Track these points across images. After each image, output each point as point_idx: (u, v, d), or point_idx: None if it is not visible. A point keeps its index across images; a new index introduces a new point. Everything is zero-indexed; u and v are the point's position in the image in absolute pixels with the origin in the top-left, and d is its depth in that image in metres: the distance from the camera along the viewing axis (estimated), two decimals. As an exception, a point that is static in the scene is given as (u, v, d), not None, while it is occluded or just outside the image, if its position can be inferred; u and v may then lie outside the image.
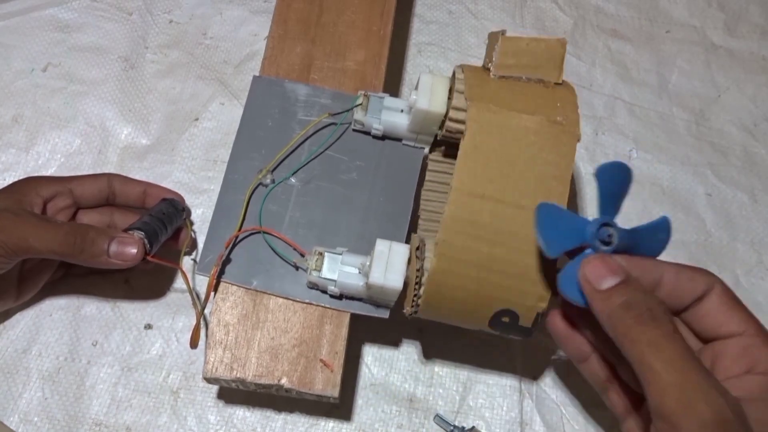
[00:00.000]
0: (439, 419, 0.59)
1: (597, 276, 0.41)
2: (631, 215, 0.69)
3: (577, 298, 0.43)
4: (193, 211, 0.65)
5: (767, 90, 0.77)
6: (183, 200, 0.62)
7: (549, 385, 0.62)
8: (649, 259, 0.44)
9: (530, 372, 0.62)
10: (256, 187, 0.53)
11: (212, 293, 0.50)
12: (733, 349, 0.42)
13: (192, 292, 0.53)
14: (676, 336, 0.38)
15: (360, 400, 0.61)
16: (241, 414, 0.59)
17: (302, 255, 0.51)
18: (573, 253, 0.44)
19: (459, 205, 0.45)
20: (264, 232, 0.52)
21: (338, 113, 0.55)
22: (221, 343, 0.50)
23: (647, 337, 0.38)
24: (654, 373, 0.37)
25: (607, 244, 0.43)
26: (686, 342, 0.38)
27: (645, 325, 0.38)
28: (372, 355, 0.62)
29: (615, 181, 0.44)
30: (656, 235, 0.45)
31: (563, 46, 0.49)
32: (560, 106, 0.48)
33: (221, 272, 0.51)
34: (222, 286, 0.51)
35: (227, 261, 0.52)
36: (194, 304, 0.51)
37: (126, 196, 0.60)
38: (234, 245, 0.52)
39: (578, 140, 0.47)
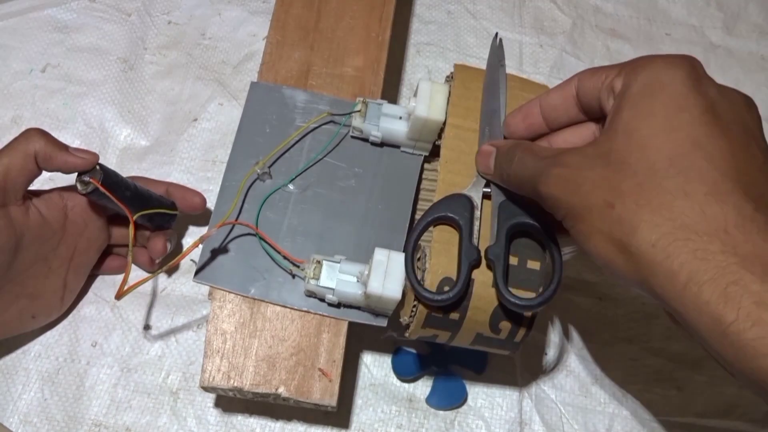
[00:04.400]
0: None
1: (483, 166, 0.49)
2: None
3: (445, 406, 0.61)
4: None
5: (766, 89, 0.77)
6: (204, 201, 0.62)
7: (548, 385, 0.63)
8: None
9: (529, 372, 0.63)
10: (253, 182, 0.53)
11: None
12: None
13: (132, 244, 0.51)
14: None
15: (359, 401, 0.61)
16: (241, 414, 0.60)
17: (297, 264, 0.51)
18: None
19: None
20: (260, 237, 0.52)
21: (339, 114, 0.54)
22: (219, 351, 0.50)
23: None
24: None
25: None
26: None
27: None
28: (371, 356, 0.63)
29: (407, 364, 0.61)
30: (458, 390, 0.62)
31: None
32: None
33: (218, 280, 0.51)
34: (219, 293, 0.51)
35: (224, 268, 0.52)
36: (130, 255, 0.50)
37: None
38: (229, 250, 0.52)
39: None
